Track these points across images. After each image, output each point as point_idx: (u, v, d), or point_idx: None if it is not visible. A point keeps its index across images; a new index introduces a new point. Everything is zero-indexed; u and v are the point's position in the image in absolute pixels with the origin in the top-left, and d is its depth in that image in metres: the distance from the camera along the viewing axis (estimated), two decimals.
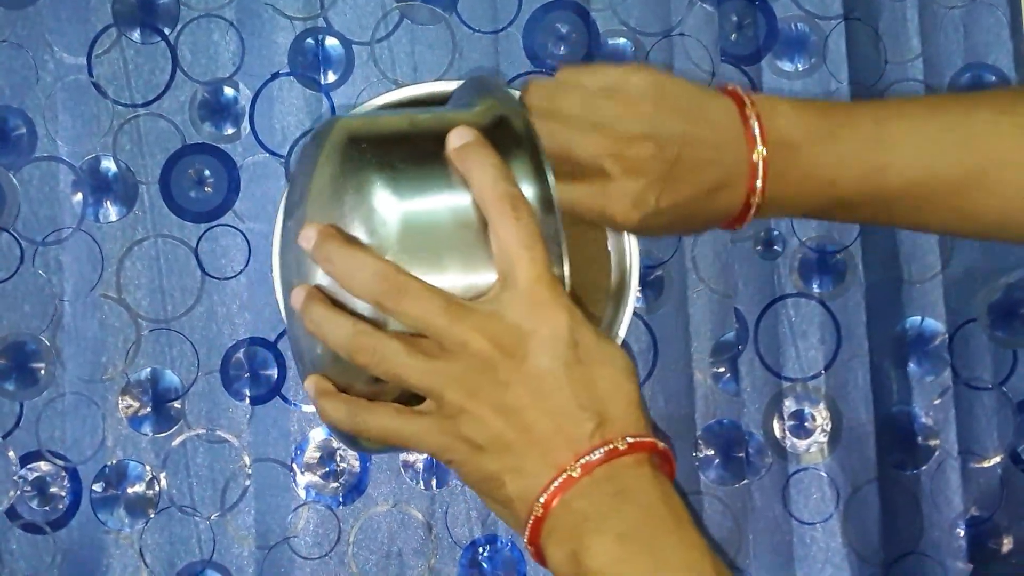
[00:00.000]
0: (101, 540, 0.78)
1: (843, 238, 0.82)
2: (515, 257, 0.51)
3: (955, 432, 0.82)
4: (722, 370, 0.81)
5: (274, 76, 0.81)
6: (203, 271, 0.80)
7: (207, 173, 0.80)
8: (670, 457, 0.53)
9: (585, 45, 0.83)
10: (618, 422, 0.51)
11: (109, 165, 0.80)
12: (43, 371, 0.78)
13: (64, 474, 0.78)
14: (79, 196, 0.79)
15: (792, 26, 0.84)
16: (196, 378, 0.79)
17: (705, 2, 0.83)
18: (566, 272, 0.53)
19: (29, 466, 0.78)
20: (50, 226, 0.79)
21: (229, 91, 0.81)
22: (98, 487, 0.78)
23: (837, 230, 0.82)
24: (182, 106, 0.81)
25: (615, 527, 0.50)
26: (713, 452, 0.81)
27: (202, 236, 0.80)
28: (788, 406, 0.82)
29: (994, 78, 0.84)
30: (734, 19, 0.83)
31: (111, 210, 0.80)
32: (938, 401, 0.82)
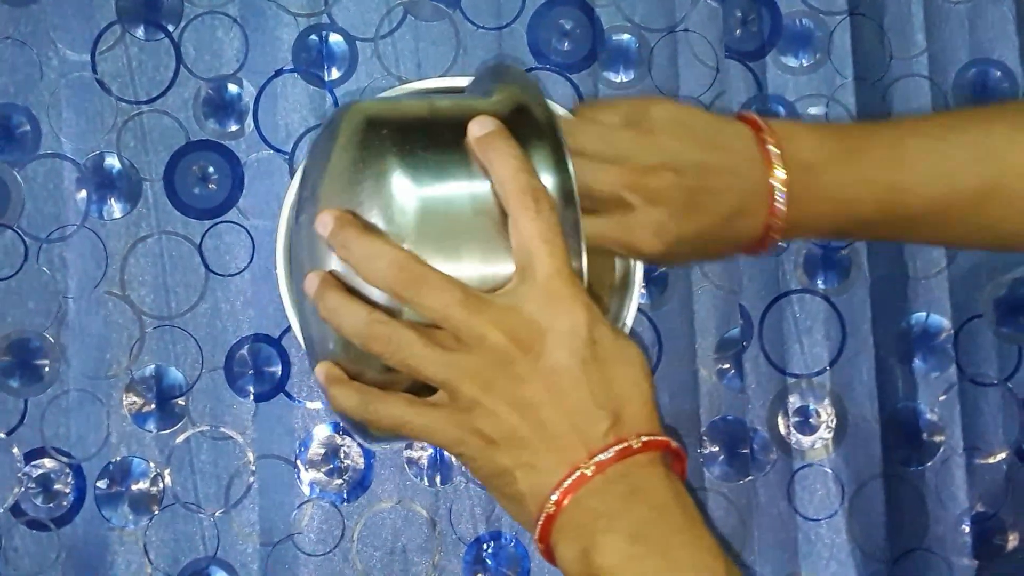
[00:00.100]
0: (105, 537, 0.78)
1: None
2: (534, 251, 0.51)
3: (960, 428, 0.82)
4: (727, 366, 0.81)
5: (278, 73, 0.81)
6: (207, 268, 0.80)
7: (211, 170, 0.80)
8: (682, 456, 0.53)
9: (589, 41, 0.83)
10: (632, 421, 0.51)
11: (113, 162, 0.80)
12: (47, 368, 0.78)
13: (68, 471, 0.78)
14: (83, 193, 0.79)
15: (797, 21, 0.84)
16: (200, 375, 0.79)
17: None
18: (584, 266, 0.53)
19: (33, 463, 0.78)
20: (54, 223, 0.79)
21: (233, 88, 0.81)
22: (102, 484, 0.78)
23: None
24: (186, 103, 0.80)
25: (627, 526, 0.49)
26: (718, 448, 0.81)
27: (206, 233, 0.80)
28: (793, 402, 0.81)
29: (999, 73, 0.84)
30: (739, 15, 0.83)
31: (115, 207, 0.80)
32: (943, 397, 0.82)
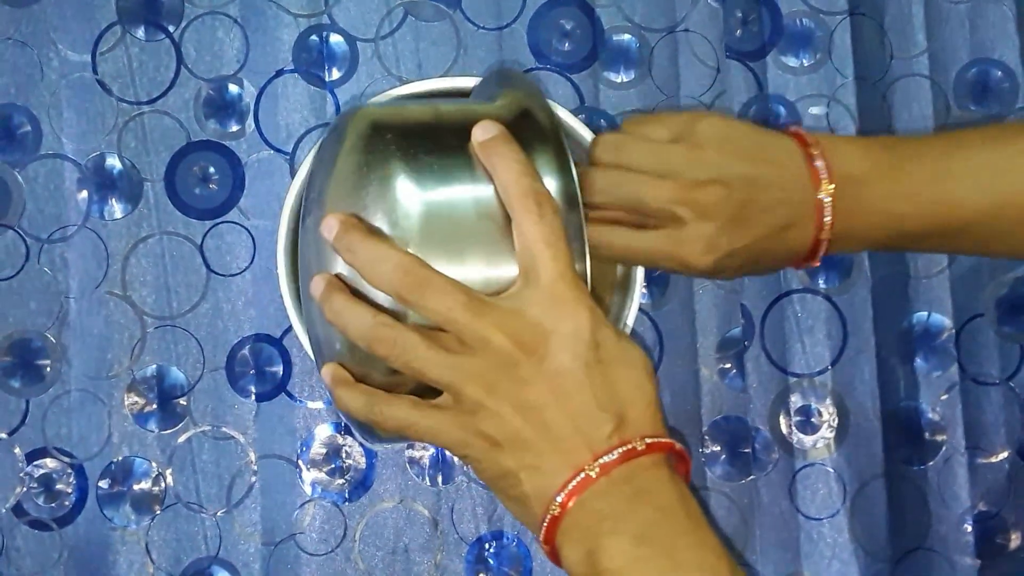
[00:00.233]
0: (107, 537, 0.78)
1: None
2: (537, 254, 0.51)
3: (962, 428, 0.82)
4: (728, 366, 0.81)
5: (278, 73, 0.81)
6: (208, 268, 0.80)
7: (212, 170, 0.80)
8: (686, 458, 0.53)
9: (590, 41, 0.83)
10: (636, 423, 0.52)
11: (114, 162, 0.80)
12: (49, 368, 0.78)
13: (70, 471, 0.78)
14: (84, 193, 0.79)
15: (797, 21, 0.84)
16: (202, 375, 0.79)
17: None
18: (588, 269, 0.53)
19: (35, 463, 0.78)
20: (55, 223, 0.79)
21: (234, 88, 0.81)
22: (104, 484, 0.78)
23: None
24: (187, 103, 0.80)
25: (632, 528, 0.49)
26: (719, 448, 0.81)
27: (207, 233, 0.80)
28: (794, 402, 0.81)
29: (1000, 73, 0.84)
30: (739, 15, 0.83)
31: (116, 207, 0.80)
32: (945, 396, 0.82)
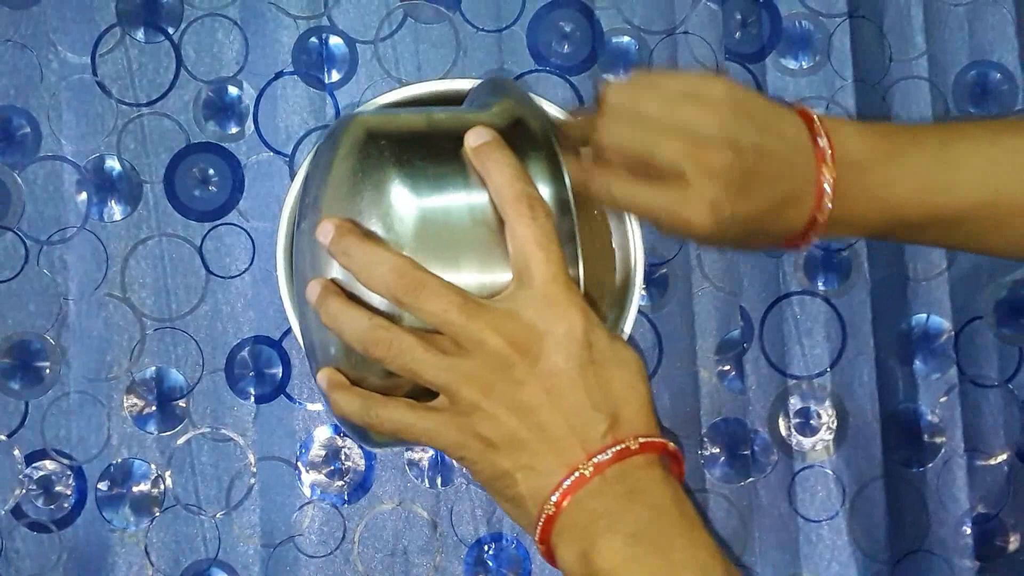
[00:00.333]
0: (106, 539, 0.78)
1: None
2: (531, 256, 0.52)
3: (961, 429, 0.82)
4: (727, 368, 0.81)
5: (278, 75, 0.81)
6: (207, 270, 0.80)
7: (211, 172, 0.80)
8: (680, 458, 0.54)
9: (589, 43, 0.83)
10: (630, 422, 0.52)
11: (113, 164, 0.80)
12: (48, 370, 0.79)
13: (69, 473, 0.78)
14: (83, 195, 0.80)
15: (796, 24, 0.84)
16: (201, 377, 0.79)
17: (709, 0, 0.83)
18: (581, 273, 0.53)
19: (34, 465, 0.78)
20: (55, 225, 0.79)
21: (233, 90, 0.81)
22: (103, 486, 0.78)
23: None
24: (186, 105, 0.81)
25: (626, 527, 0.50)
26: (719, 450, 0.81)
27: (206, 235, 0.80)
28: (794, 404, 0.81)
29: (999, 75, 0.84)
30: (738, 17, 0.83)
31: (115, 209, 0.80)
32: (944, 399, 0.82)
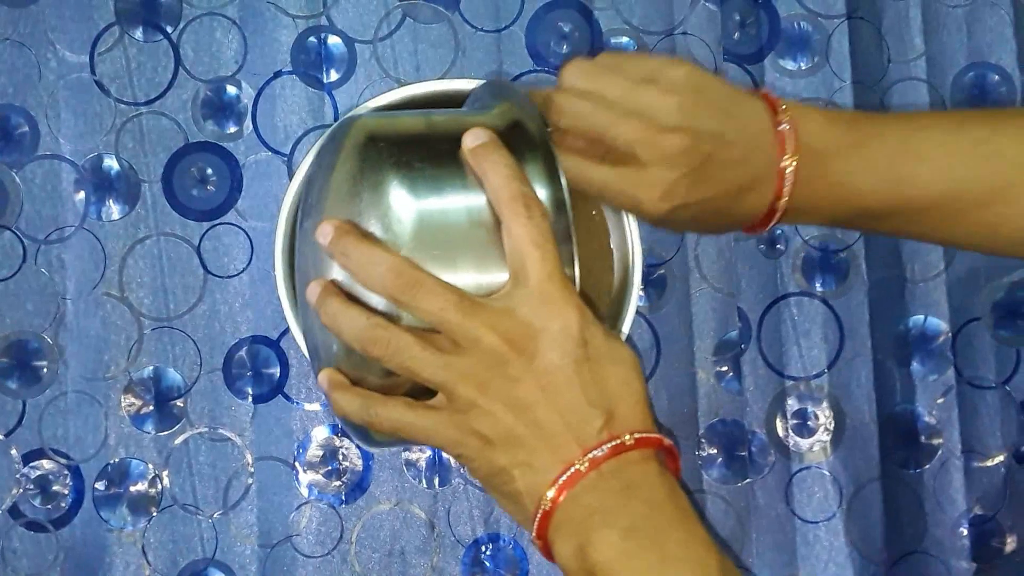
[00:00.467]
0: (104, 538, 0.78)
1: (846, 237, 0.82)
2: (526, 255, 0.52)
3: (958, 431, 0.82)
4: (725, 369, 0.81)
5: (276, 75, 0.81)
6: (205, 269, 0.80)
7: (209, 171, 0.80)
8: (675, 454, 0.54)
9: (588, 44, 0.83)
10: (625, 419, 0.52)
11: (111, 163, 0.80)
12: (46, 369, 0.78)
13: (67, 472, 0.78)
14: (81, 194, 0.79)
15: (795, 25, 0.84)
16: (198, 376, 0.79)
17: (708, 1, 0.83)
18: (576, 273, 0.54)
19: (32, 464, 0.78)
20: (52, 224, 0.79)
21: (231, 89, 0.81)
22: (101, 485, 0.78)
23: (840, 229, 0.82)
24: (184, 104, 0.80)
25: (622, 521, 0.50)
26: (716, 451, 0.81)
27: (204, 234, 0.80)
28: (791, 405, 0.81)
29: (997, 77, 0.84)
30: (737, 18, 0.83)
31: (113, 208, 0.80)
32: (941, 400, 0.82)
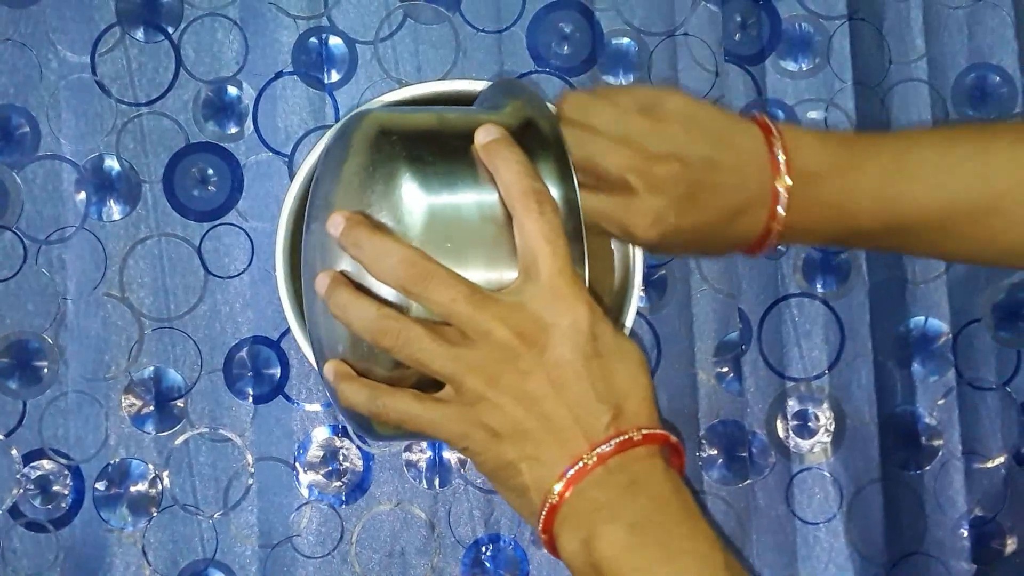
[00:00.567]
0: (104, 538, 0.78)
1: None
2: (538, 250, 0.52)
3: (959, 432, 0.82)
4: (726, 370, 0.81)
5: (278, 75, 0.81)
6: (206, 270, 0.80)
7: (210, 172, 0.80)
8: (680, 450, 0.54)
9: (589, 45, 0.83)
10: (633, 415, 0.53)
11: (112, 164, 0.80)
12: (46, 369, 0.78)
13: (67, 472, 0.78)
14: (82, 195, 0.79)
15: (796, 26, 0.84)
16: (199, 377, 0.79)
17: (709, 2, 0.83)
18: (587, 272, 0.54)
19: (32, 464, 0.78)
20: (53, 225, 0.79)
21: (232, 90, 0.81)
22: (101, 485, 0.78)
23: None
24: (185, 105, 0.81)
25: (627, 516, 0.50)
26: (716, 452, 0.81)
27: (205, 235, 0.80)
28: (792, 406, 0.81)
29: (998, 78, 0.84)
30: (738, 19, 0.83)
31: (114, 209, 0.80)
32: (942, 401, 0.82)
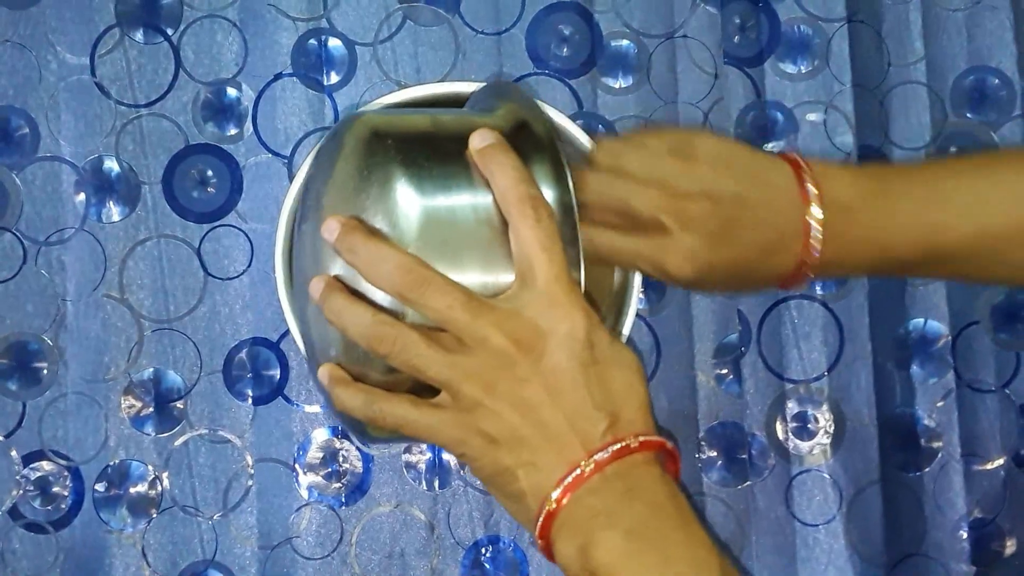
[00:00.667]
0: (103, 540, 0.78)
1: None
2: (534, 257, 0.53)
3: (958, 434, 0.82)
4: (725, 371, 0.81)
5: (277, 77, 0.81)
6: (206, 271, 0.80)
7: (210, 173, 0.80)
8: (676, 456, 0.54)
9: (588, 47, 0.83)
10: (630, 421, 0.53)
11: (112, 165, 0.80)
12: (46, 371, 0.78)
13: (67, 474, 0.78)
14: (82, 196, 0.79)
15: (795, 28, 0.84)
16: (198, 378, 0.79)
17: (708, 4, 0.83)
18: (582, 275, 0.54)
19: (32, 466, 0.78)
20: (53, 226, 0.79)
21: (232, 92, 0.81)
22: (100, 487, 0.78)
23: None
24: (185, 106, 0.81)
25: (624, 523, 0.50)
26: (716, 453, 0.81)
27: (205, 236, 0.80)
28: (791, 408, 0.81)
29: (997, 81, 0.84)
30: (737, 21, 0.83)
31: (114, 210, 0.80)
32: (941, 403, 0.82)
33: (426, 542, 0.79)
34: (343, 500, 0.79)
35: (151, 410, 0.79)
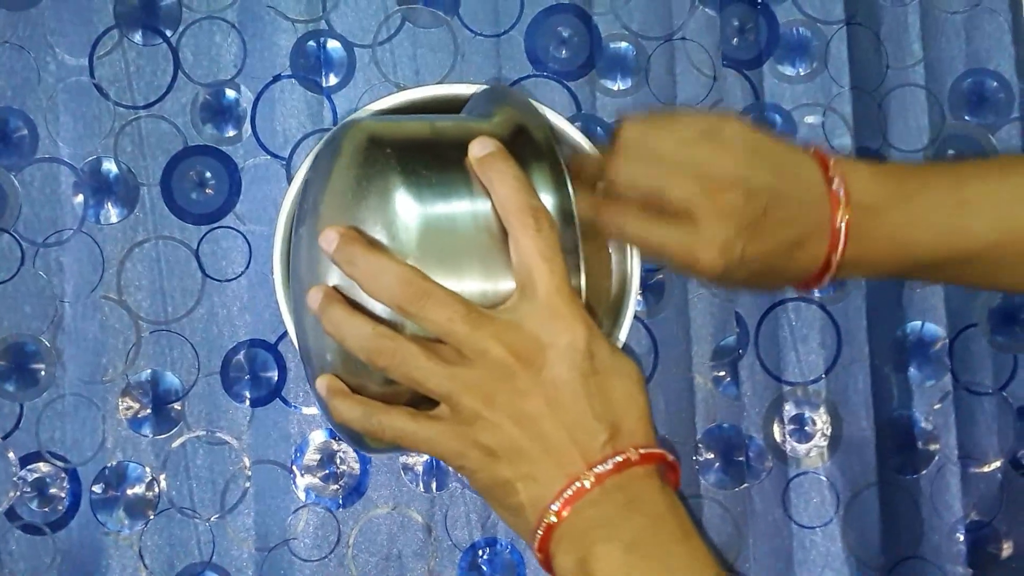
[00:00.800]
0: (100, 541, 0.78)
1: None
2: (534, 268, 0.52)
3: (955, 437, 0.82)
4: (723, 374, 0.81)
5: (276, 78, 0.81)
6: (204, 273, 0.80)
7: (208, 175, 0.80)
8: (676, 467, 0.54)
9: (587, 49, 0.83)
10: (630, 433, 0.52)
11: (110, 167, 0.80)
12: (43, 372, 0.78)
13: (64, 475, 0.78)
14: (80, 198, 0.79)
15: (794, 30, 0.84)
16: (196, 380, 0.79)
17: (707, 6, 0.83)
18: (583, 283, 0.53)
19: (29, 467, 0.78)
20: (51, 227, 0.79)
21: (231, 93, 0.81)
22: (98, 488, 0.78)
23: None
24: (183, 108, 0.80)
25: (624, 536, 0.50)
26: (713, 456, 0.81)
27: (203, 238, 0.80)
28: (788, 410, 0.82)
29: (995, 84, 0.84)
30: (736, 23, 0.83)
31: (112, 212, 0.80)
32: (938, 406, 0.82)
33: (423, 544, 0.79)
34: (340, 502, 0.79)
35: (149, 412, 0.79)
